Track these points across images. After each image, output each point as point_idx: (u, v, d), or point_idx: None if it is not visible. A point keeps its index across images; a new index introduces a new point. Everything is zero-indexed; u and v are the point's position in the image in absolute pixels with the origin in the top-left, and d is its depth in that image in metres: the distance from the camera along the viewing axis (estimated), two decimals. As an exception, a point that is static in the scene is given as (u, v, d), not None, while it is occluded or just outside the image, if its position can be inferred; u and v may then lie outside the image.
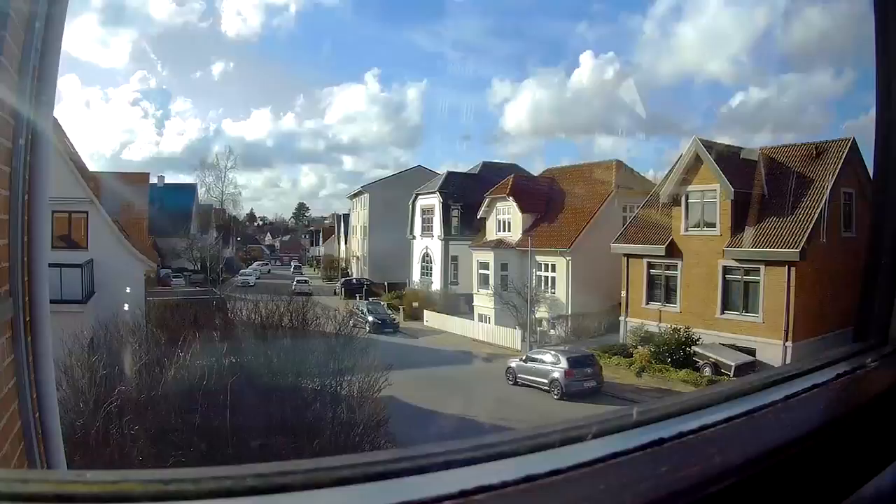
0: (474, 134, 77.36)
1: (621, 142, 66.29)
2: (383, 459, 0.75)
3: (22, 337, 2.33)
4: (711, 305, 20.94)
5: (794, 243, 19.12)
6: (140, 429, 9.17)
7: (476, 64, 54.71)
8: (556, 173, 31.82)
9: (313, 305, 15.61)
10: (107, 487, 0.67)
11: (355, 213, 48.97)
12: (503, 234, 29.58)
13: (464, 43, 54.95)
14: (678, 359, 19.91)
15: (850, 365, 1.29)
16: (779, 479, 0.90)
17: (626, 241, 23.88)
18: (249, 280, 42.08)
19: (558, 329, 25.56)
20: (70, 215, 19.81)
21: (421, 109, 72.96)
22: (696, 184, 21.68)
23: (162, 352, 10.76)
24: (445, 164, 63.70)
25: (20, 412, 2.34)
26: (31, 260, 2.38)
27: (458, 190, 34.53)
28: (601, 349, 21.46)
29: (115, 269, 19.94)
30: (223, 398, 9.37)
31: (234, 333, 11.94)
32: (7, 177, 2.25)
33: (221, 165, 45.42)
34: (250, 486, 0.69)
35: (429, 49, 62.55)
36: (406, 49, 61.03)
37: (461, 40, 54.85)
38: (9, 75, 2.18)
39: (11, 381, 2.28)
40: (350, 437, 10.43)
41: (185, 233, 40.13)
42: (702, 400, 1.07)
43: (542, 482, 0.75)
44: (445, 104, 75.00)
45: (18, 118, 2.28)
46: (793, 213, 19.76)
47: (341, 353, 11.49)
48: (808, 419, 1.08)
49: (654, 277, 22.91)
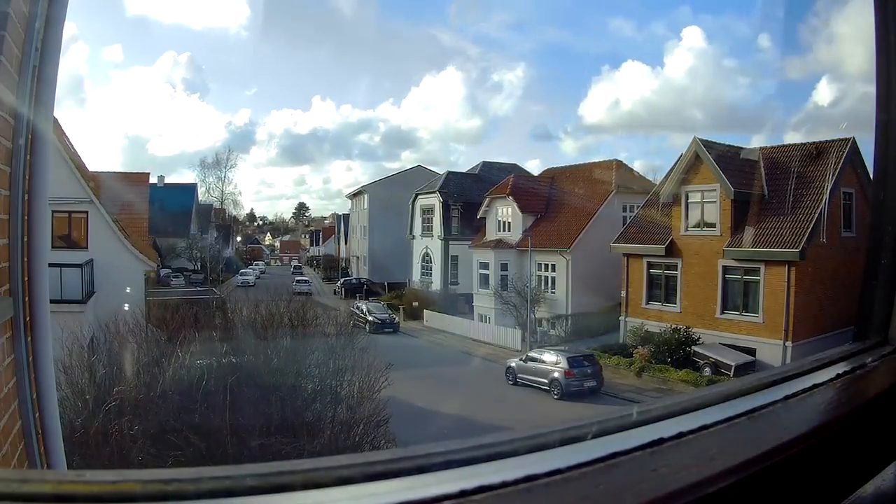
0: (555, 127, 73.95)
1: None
2: (383, 459, 0.75)
3: (22, 337, 2.33)
4: (711, 305, 20.95)
5: (794, 243, 19.13)
6: (140, 429, 9.17)
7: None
8: (556, 173, 31.84)
9: (313, 305, 15.61)
10: (106, 487, 0.67)
11: (355, 212, 48.97)
12: (503, 233, 29.59)
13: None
14: (678, 359, 19.92)
15: (850, 365, 1.29)
16: (779, 479, 0.90)
17: (626, 240, 23.89)
18: (249, 280, 42.09)
19: (558, 329, 25.56)
20: (70, 215, 19.81)
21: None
22: (696, 184, 21.69)
23: (161, 352, 10.75)
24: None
25: (20, 412, 2.34)
26: (31, 260, 2.38)
27: (458, 190, 34.56)
28: (601, 349, 21.47)
29: (115, 269, 19.93)
30: (223, 398, 9.36)
31: (234, 333, 11.93)
32: (7, 177, 2.25)
33: (222, 165, 45.51)
34: (250, 486, 0.69)
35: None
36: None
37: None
38: (9, 75, 2.18)
39: (11, 381, 2.28)
40: (350, 437, 10.43)
41: (185, 233, 40.13)
42: (702, 400, 1.07)
43: (542, 482, 0.75)
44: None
45: (18, 118, 2.28)
46: (793, 212, 19.77)
47: (341, 352, 11.48)
48: (807, 419, 1.08)
49: (653, 277, 22.92)
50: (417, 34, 59.20)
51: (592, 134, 64.62)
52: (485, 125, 68.16)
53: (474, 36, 57.52)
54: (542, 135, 73.20)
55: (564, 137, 63.04)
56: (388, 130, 76.77)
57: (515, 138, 73.31)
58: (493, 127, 68.77)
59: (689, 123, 52.45)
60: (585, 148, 70.10)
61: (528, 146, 79.78)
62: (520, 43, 55.24)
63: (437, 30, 63.81)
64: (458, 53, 61.28)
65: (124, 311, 15.31)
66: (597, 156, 61.79)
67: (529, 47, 54.86)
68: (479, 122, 70.73)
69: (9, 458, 2.19)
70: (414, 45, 62.34)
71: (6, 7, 2.09)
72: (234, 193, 47.82)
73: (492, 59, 57.57)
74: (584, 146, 70.81)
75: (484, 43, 59.26)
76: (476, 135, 70.77)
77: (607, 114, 65.48)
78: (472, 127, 71.98)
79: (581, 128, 62.20)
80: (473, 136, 70.97)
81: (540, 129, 71.58)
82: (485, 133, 69.76)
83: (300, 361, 10.99)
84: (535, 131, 77.62)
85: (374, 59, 68.93)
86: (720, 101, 51.34)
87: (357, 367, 11.42)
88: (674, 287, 22.29)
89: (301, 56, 70.01)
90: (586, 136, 67.24)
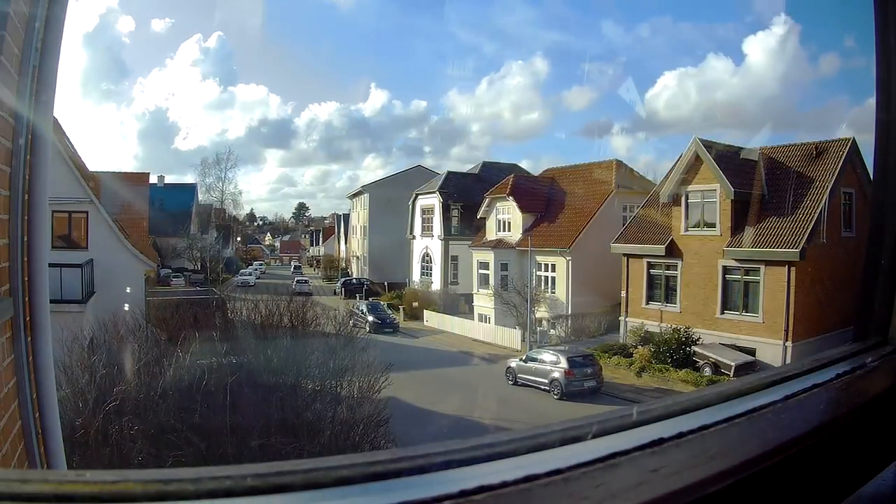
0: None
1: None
2: (383, 459, 0.75)
3: (22, 337, 2.33)
4: (711, 305, 20.94)
5: (794, 243, 19.12)
6: (140, 429, 9.17)
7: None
8: (556, 173, 31.83)
9: (313, 305, 15.61)
10: (107, 487, 0.67)
11: (355, 212, 48.99)
12: (503, 233, 29.58)
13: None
14: (678, 359, 19.91)
15: (850, 365, 1.29)
16: (779, 479, 0.90)
17: (626, 240, 23.88)
18: (249, 280, 42.12)
19: (558, 329, 25.56)
20: (70, 215, 19.83)
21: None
22: (696, 183, 21.69)
23: (161, 351, 10.76)
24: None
25: (20, 412, 2.34)
26: (31, 260, 2.38)
27: (458, 190, 34.56)
28: (601, 349, 21.46)
29: (115, 269, 19.95)
30: (223, 398, 9.36)
31: (234, 333, 11.94)
32: (7, 177, 2.25)
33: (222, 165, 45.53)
34: (250, 486, 0.69)
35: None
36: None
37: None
38: (9, 75, 2.18)
39: (11, 381, 2.28)
40: (350, 437, 10.43)
41: (185, 233, 40.14)
42: (702, 400, 1.07)
43: (542, 482, 0.75)
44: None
45: (18, 118, 2.28)
46: (793, 212, 19.76)
47: (341, 353, 11.49)
48: (807, 419, 1.08)
49: (654, 277, 22.92)
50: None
51: (654, 130, 60.39)
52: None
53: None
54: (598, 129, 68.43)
55: (618, 133, 59.12)
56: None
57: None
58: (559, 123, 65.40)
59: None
60: (647, 146, 66.10)
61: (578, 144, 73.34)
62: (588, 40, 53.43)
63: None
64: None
65: (124, 311, 15.34)
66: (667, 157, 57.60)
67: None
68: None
69: (9, 458, 2.19)
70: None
71: (6, 7, 2.09)
72: (234, 193, 47.82)
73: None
74: (642, 144, 67.14)
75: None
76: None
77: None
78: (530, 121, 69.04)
79: (642, 124, 58.93)
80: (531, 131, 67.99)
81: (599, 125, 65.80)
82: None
83: (300, 361, 10.99)
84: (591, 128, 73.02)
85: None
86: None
87: (357, 367, 11.42)
88: (674, 287, 22.28)
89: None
90: (647, 132, 63.23)
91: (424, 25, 62.67)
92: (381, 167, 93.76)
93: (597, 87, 55.60)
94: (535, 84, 63.78)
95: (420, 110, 77.49)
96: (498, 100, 65.78)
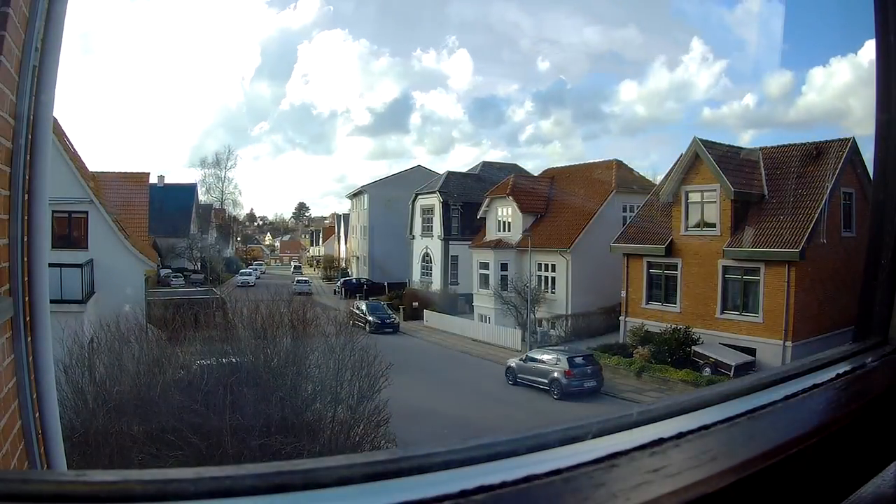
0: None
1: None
2: (383, 459, 0.75)
3: (22, 337, 2.33)
4: (711, 305, 20.94)
5: (793, 243, 19.12)
6: (140, 429, 9.17)
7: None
8: (556, 173, 31.83)
9: (313, 305, 15.61)
10: (107, 487, 0.67)
11: (355, 212, 48.98)
12: (503, 233, 29.58)
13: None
14: (678, 359, 19.91)
15: (850, 365, 1.29)
16: (778, 479, 0.90)
17: (625, 240, 23.89)
18: (249, 280, 42.08)
19: (558, 329, 25.56)
20: (70, 215, 19.80)
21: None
22: (696, 183, 21.69)
23: (162, 352, 10.76)
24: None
25: (20, 412, 2.34)
26: (31, 260, 2.38)
27: (458, 190, 34.55)
28: (601, 349, 21.47)
29: (115, 269, 19.92)
30: (223, 398, 9.36)
31: (234, 333, 11.93)
32: (7, 177, 2.25)
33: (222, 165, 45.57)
34: (250, 485, 0.69)
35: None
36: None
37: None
38: (9, 75, 2.18)
39: (11, 381, 2.28)
40: (350, 437, 10.43)
41: (185, 233, 40.14)
42: (702, 400, 1.07)
43: (542, 482, 0.75)
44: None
45: (18, 118, 2.28)
46: (793, 212, 19.76)
47: (341, 352, 11.48)
48: (807, 419, 1.08)
49: (653, 277, 22.92)
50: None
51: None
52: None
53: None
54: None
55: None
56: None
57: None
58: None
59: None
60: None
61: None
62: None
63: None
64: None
65: (124, 311, 15.30)
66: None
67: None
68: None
69: (9, 458, 2.19)
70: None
71: (6, 7, 2.09)
72: (234, 193, 47.87)
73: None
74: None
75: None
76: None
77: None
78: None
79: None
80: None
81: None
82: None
83: (300, 361, 10.99)
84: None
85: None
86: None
87: (357, 367, 11.41)
88: (674, 287, 22.29)
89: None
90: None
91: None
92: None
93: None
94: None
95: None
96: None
